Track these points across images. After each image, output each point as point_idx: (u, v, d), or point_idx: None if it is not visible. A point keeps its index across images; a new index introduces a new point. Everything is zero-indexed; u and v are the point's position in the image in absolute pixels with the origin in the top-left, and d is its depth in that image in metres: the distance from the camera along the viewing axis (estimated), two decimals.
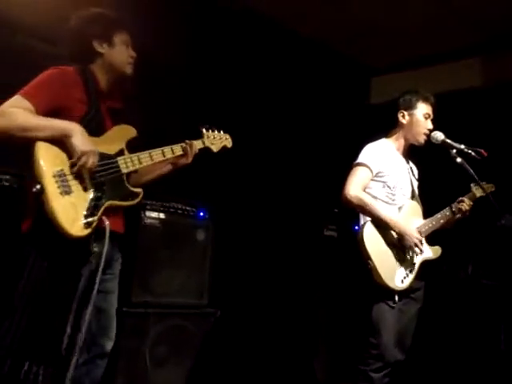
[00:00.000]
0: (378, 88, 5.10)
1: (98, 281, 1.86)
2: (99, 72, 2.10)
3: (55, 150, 1.84)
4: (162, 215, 3.12)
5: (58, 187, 1.80)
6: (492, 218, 2.49)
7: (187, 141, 2.25)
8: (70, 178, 1.84)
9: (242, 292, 3.86)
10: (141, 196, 2.08)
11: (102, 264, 1.88)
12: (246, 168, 4.06)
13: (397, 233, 2.53)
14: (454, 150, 2.59)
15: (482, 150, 2.61)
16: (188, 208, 3.31)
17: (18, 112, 1.82)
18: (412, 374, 4.06)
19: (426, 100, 2.75)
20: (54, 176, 1.80)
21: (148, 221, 3.03)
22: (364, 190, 2.60)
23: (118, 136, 2.07)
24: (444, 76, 4.62)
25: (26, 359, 1.84)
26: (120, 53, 2.11)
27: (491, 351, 3.85)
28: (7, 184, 2.63)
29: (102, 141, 1.99)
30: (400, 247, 2.55)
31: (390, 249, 2.52)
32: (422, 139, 2.73)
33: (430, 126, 2.73)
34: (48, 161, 1.81)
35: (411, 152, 2.83)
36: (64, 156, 1.85)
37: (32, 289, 1.83)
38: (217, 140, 2.39)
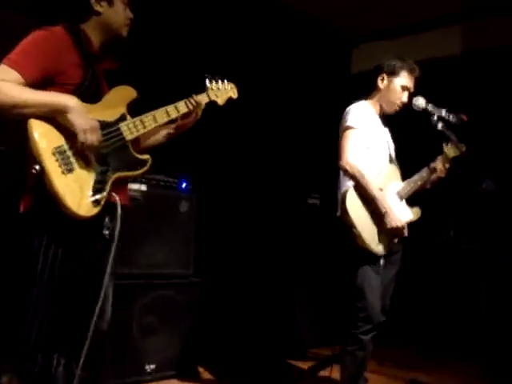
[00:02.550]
0: (359, 58, 5.09)
1: (111, 261, 1.75)
2: (92, 32, 1.89)
3: (50, 126, 1.68)
4: (143, 187, 3.08)
5: (60, 166, 1.65)
6: (472, 183, 2.52)
7: (193, 95, 2.06)
8: (70, 153, 1.69)
9: (227, 261, 3.88)
10: (149, 163, 1.90)
11: (115, 243, 1.74)
12: (228, 137, 4.04)
13: (383, 213, 2.49)
14: (435, 117, 2.60)
15: (464, 115, 2.63)
16: (170, 179, 3.28)
17: (7, 86, 1.64)
18: (395, 337, 4.19)
19: (410, 71, 2.68)
20: (54, 154, 1.65)
21: (130, 193, 2.97)
22: None
23: (118, 99, 1.89)
24: (425, 44, 4.64)
25: (54, 352, 1.76)
26: (118, 13, 1.91)
27: (473, 313, 3.96)
28: None
29: (100, 107, 1.82)
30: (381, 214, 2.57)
31: (372, 215, 2.53)
32: (393, 110, 2.70)
33: (405, 100, 2.68)
34: (45, 137, 1.65)
35: (387, 116, 2.79)
36: (62, 131, 1.69)
37: (50, 275, 1.72)
38: (221, 91, 2.19)
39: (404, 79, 2.68)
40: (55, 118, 1.69)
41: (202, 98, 2.11)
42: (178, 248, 3.27)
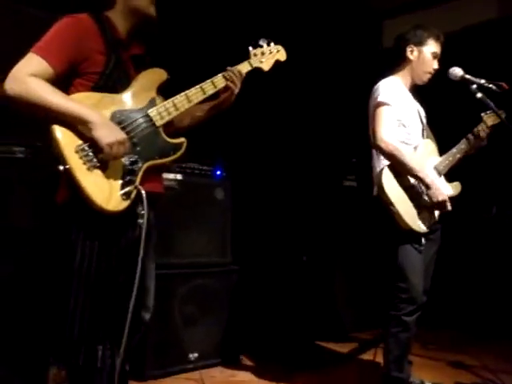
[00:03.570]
0: (390, 31, 4.93)
1: (142, 247, 1.71)
2: (118, 18, 1.85)
3: (74, 128, 1.66)
4: (178, 176, 3.09)
5: (84, 163, 1.63)
6: None
7: (229, 68, 1.96)
8: (95, 149, 1.66)
9: (264, 247, 3.87)
10: (185, 146, 1.83)
11: (144, 236, 1.71)
12: (261, 121, 3.99)
13: (426, 186, 2.43)
14: (474, 86, 2.49)
15: (504, 84, 2.51)
16: (205, 167, 3.28)
17: (36, 84, 1.64)
18: (438, 319, 4.09)
19: (437, 38, 2.64)
20: (77, 151, 1.63)
21: (165, 183, 2.97)
22: None
23: (147, 83, 1.82)
24: (457, 12, 4.45)
25: (98, 343, 1.75)
26: None
27: None
28: (22, 156, 2.59)
29: (127, 94, 1.77)
30: (421, 189, 2.49)
31: (410, 192, 2.46)
32: (426, 78, 2.64)
33: (436, 67, 2.63)
34: (67, 137, 1.64)
35: (419, 87, 2.72)
36: (84, 133, 1.66)
37: (88, 267, 1.72)
38: (266, 56, 2.07)
39: (433, 46, 2.63)
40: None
41: (243, 67, 2.01)
42: (216, 236, 3.28)
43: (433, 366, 3.32)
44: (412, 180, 2.48)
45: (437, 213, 2.53)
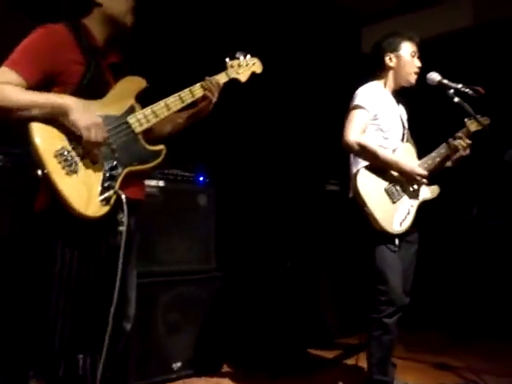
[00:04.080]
0: (369, 37, 5.00)
1: (121, 254, 1.71)
2: (95, 26, 1.85)
3: (52, 128, 1.65)
4: (161, 183, 3.08)
5: (63, 167, 1.62)
6: (494, 156, 2.45)
7: (207, 77, 1.99)
8: (74, 154, 1.65)
9: (248, 252, 3.86)
10: (164, 153, 1.85)
11: (124, 243, 1.71)
12: (241, 126, 4.00)
13: (401, 172, 2.50)
14: (451, 90, 2.53)
15: (480, 88, 2.56)
16: (187, 173, 3.26)
17: (8, 89, 1.63)
18: (421, 321, 4.13)
19: (409, 39, 2.69)
20: (56, 156, 1.62)
21: (148, 190, 2.96)
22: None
23: (125, 91, 1.83)
24: (434, 19, 4.53)
25: (79, 351, 1.75)
26: (120, 2, 1.86)
27: (501, 288, 3.87)
28: (0, 164, 2.55)
29: (107, 101, 1.78)
30: (397, 190, 2.53)
31: (387, 193, 2.50)
32: (412, 79, 2.68)
33: (419, 64, 2.69)
34: (46, 141, 1.62)
35: (402, 93, 2.77)
36: (63, 134, 1.66)
37: (68, 276, 1.71)
38: (243, 68, 2.12)
39: (408, 47, 2.68)
40: (57, 120, 1.66)
41: (220, 78, 2.04)
42: (199, 242, 3.25)
43: (416, 368, 3.33)
44: (395, 175, 2.51)
45: (414, 211, 2.56)
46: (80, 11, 1.86)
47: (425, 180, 2.54)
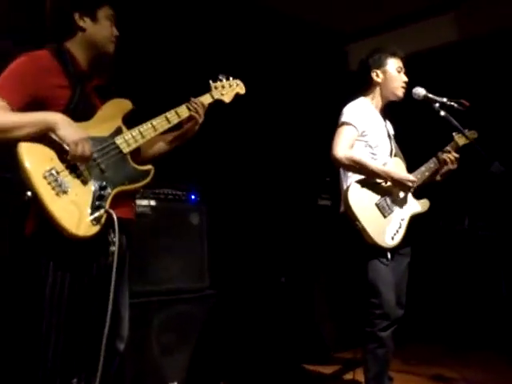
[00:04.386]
0: (355, 54, 5.08)
1: (113, 276, 1.70)
2: (77, 50, 1.87)
3: (41, 147, 1.66)
4: (152, 202, 3.08)
5: (53, 188, 1.63)
6: (481, 168, 2.49)
7: (192, 99, 2.03)
8: (63, 174, 1.66)
9: (242, 269, 3.86)
10: (152, 172, 1.88)
11: (115, 264, 1.70)
12: (231, 144, 4.04)
13: (392, 181, 2.52)
14: (437, 104, 2.58)
15: (464, 101, 2.61)
16: (179, 192, 3.27)
17: None
18: (417, 334, 4.13)
19: (394, 55, 2.75)
20: (45, 177, 1.62)
21: (139, 209, 2.98)
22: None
23: (112, 113, 1.86)
24: (419, 35, 4.62)
25: (73, 375, 1.74)
26: (103, 30, 1.89)
27: (493, 298, 3.89)
28: None
29: (94, 123, 1.80)
30: (388, 205, 2.55)
31: (378, 207, 2.53)
32: (400, 93, 2.72)
33: (405, 79, 2.73)
34: (35, 161, 1.62)
35: (389, 108, 2.81)
36: (52, 152, 1.67)
37: (59, 298, 1.71)
38: (227, 89, 2.17)
39: (393, 63, 2.73)
40: (45, 138, 1.67)
41: (205, 99, 2.09)
42: (192, 261, 3.24)
43: (413, 380, 3.35)
44: (386, 186, 2.54)
45: (406, 225, 2.58)
46: (63, 34, 1.88)
47: (413, 184, 2.57)
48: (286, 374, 3.55)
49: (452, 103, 2.58)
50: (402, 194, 2.62)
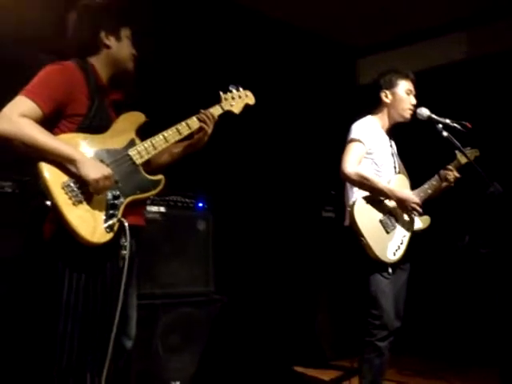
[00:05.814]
0: (365, 69, 5.16)
1: (124, 278, 1.80)
2: (100, 66, 1.98)
3: (59, 164, 1.76)
4: (162, 209, 3.20)
5: (70, 198, 1.73)
6: (481, 188, 2.55)
7: (202, 110, 2.09)
8: (79, 185, 1.76)
9: (247, 276, 3.94)
10: (163, 182, 1.96)
11: (126, 266, 1.80)
12: (239, 154, 4.12)
13: (397, 200, 2.60)
14: (440, 125, 2.64)
15: (467, 123, 2.67)
16: (187, 200, 3.38)
17: (26, 124, 1.74)
18: (414, 345, 4.18)
19: (405, 77, 2.80)
20: (63, 187, 1.73)
21: (149, 215, 3.10)
22: None
23: (126, 125, 1.96)
24: (427, 52, 4.68)
25: (86, 373, 1.81)
26: (126, 48, 2.01)
27: (491, 316, 3.93)
28: (10, 190, 2.63)
29: (109, 135, 1.90)
30: (391, 222, 2.64)
31: (382, 224, 2.61)
32: (408, 114, 2.78)
33: (414, 102, 2.79)
34: (54, 173, 1.74)
35: (394, 127, 2.87)
36: (70, 168, 1.76)
37: (75, 300, 1.79)
38: (236, 100, 2.21)
39: (404, 85, 2.79)
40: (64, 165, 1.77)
41: (215, 110, 2.14)
42: (198, 266, 3.35)
43: None
44: (390, 205, 2.62)
45: (407, 241, 2.67)
46: (89, 51, 2.00)
47: (419, 208, 2.64)
48: (285, 378, 3.62)
49: (455, 124, 2.65)
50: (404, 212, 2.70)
